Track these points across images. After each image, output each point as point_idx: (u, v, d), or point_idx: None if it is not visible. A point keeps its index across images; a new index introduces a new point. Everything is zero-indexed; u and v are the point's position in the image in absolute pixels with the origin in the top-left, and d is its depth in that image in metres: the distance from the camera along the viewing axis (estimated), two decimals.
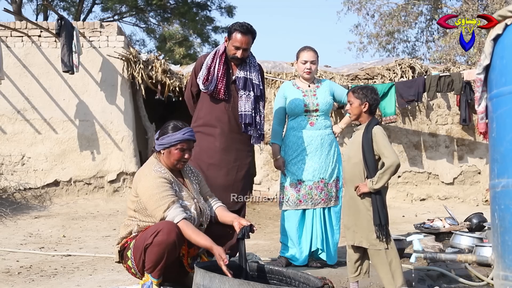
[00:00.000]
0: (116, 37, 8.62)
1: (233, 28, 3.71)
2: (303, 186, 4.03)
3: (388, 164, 3.04)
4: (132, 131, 8.61)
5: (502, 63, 2.38)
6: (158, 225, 2.84)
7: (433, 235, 5.32)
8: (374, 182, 3.05)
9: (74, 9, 18.79)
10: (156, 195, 2.86)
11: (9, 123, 8.43)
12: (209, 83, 3.70)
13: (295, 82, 4.24)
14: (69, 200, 8.19)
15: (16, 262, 4.57)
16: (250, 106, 3.75)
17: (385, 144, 3.10)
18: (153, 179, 2.91)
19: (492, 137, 2.44)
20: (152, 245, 2.79)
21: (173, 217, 2.83)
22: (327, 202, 4.06)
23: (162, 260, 2.82)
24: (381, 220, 3.06)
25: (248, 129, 3.78)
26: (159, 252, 2.79)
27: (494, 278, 2.48)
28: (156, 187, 2.88)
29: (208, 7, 19.08)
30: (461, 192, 8.91)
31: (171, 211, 2.84)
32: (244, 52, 3.72)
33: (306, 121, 4.08)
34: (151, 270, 2.86)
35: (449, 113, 9.06)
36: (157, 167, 2.98)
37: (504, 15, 2.36)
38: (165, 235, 2.77)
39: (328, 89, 4.18)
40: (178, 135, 2.96)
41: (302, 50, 4.15)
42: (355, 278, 3.26)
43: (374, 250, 3.11)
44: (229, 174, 3.73)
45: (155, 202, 2.85)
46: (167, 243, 2.77)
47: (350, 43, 18.02)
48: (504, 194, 2.34)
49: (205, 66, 3.73)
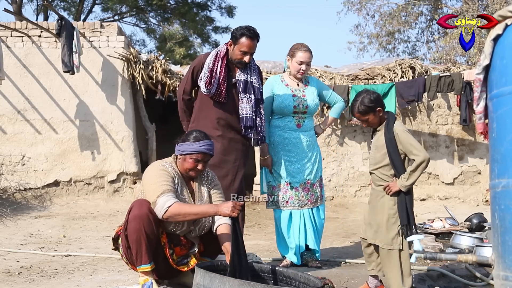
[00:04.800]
0: (116, 37, 8.62)
1: (239, 32, 3.64)
2: (290, 187, 4.04)
3: (420, 161, 3.02)
4: (133, 131, 8.61)
5: (502, 63, 2.37)
6: (131, 204, 2.96)
7: (433, 235, 5.32)
8: (405, 179, 3.04)
9: (74, 9, 18.79)
10: (155, 184, 2.91)
11: (10, 123, 8.43)
12: (212, 86, 3.69)
13: (283, 78, 4.17)
14: (69, 200, 8.19)
15: (16, 262, 4.57)
16: (251, 109, 3.75)
17: (411, 142, 3.08)
18: (156, 170, 3.00)
19: (492, 137, 2.44)
20: (128, 222, 2.89)
21: (165, 202, 2.84)
22: (314, 202, 4.09)
23: (142, 236, 2.85)
24: (409, 220, 3.05)
25: (248, 132, 3.78)
26: (135, 227, 2.85)
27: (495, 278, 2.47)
28: (158, 176, 2.95)
29: (208, 7, 19.09)
30: (461, 192, 8.91)
31: (163, 197, 2.86)
32: (250, 57, 3.70)
33: (294, 122, 4.06)
34: (139, 257, 2.89)
35: (449, 113, 9.05)
36: (167, 164, 3.06)
37: (504, 15, 2.36)
38: (137, 209, 2.88)
39: (315, 89, 4.16)
40: (195, 146, 2.99)
41: (299, 49, 4.05)
42: (371, 272, 3.29)
43: (387, 250, 3.11)
44: (229, 174, 3.74)
45: (153, 190, 2.90)
46: (140, 215, 2.85)
47: (350, 43, 18.06)
48: (505, 194, 2.34)
49: (207, 68, 3.70)
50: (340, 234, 6.27)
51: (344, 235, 6.25)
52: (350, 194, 8.95)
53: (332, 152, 8.97)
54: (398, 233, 3.09)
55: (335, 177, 8.94)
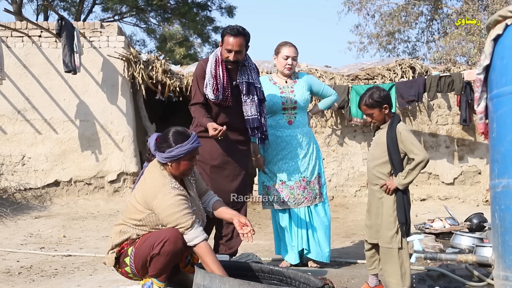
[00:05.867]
0: (116, 37, 8.62)
1: (224, 32, 3.69)
2: (285, 186, 4.03)
3: (419, 160, 3.04)
4: (133, 131, 8.62)
5: (502, 63, 2.37)
6: (163, 233, 2.77)
7: (433, 235, 5.33)
8: (403, 177, 3.06)
9: (74, 9, 18.80)
10: (177, 213, 2.77)
11: (10, 123, 8.43)
12: (219, 93, 3.66)
13: (272, 77, 4.19)
14: (69, 200, 8.20)
15: (17, 262, 4.57)
16: (256, 109, 3.74)
17: (412, 141, 3.10)
18: (172, 196, 2.79)
19: (492, 137, 2.44)
20: (159, 255, 2.76)
21: (194, 237, 2.77)
22: (311, 200, 4.05)
23: (168, 267, 2.83)
24: (406, 218, 3.07)
25: (255, 132, 3.78)
26: (165, 261, 2.78)
27: (495, 278, 2.47)
28: (177, 205, 2.78)
29: (208, 7, 19.10)
30: (461, 192, 8.91)
31: (193, 231, 2.77)
32: (237, 55, 3.66)
33: (285, 119, 4.06)
34: (155, 276, 2.86)
35: (450, 113, 9.05)
36: (173, 183, 2.86)
37: (504, 15, 2.35)
38: (172, 244, 2.74)
39: (305, 84, 4.14)
40: (187, 146, 2.85)
41: (283, 45, 4.09)
42: (371, 271, 3.30)
43: (386, 249, 3.12)
44: (231, 175, 3.76)
45: (176, 220, 2.77)
46: (174, 252, 2.76)
47: (350, 43, 18.05)
48: (505, 194, 2.34)
49: (211, 75, 3.65)
50: (340, 234, 6.27)
51: (344, 235, 6.25)
52: (350, 194, 8.95)
53: (332, 152, 8.97)
54: (397, 232, 3.10)
55: (335, 177, 8.94)
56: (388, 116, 3.22)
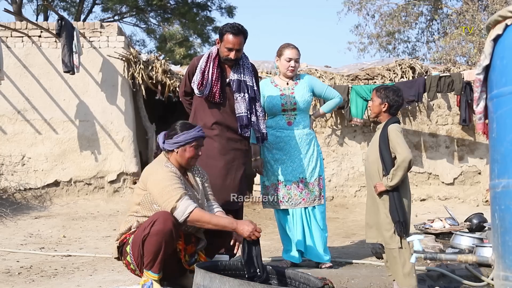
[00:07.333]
0: (116, 37, 8.62)
1: (224, 29, 3.69)
2: (282, 186, 4.03)
3: (400, 160, 3.08)
4: (133, 131, 8.62)
5: (502, 64, 2.37)
6: (153, 216, 2.87)
7: (433, 235, 5.32)
8: (389, 180, 3.09)
9: (74, 9, 18.80)
10: (169, 186, 2.88)
11: (10, 124, 8.43)
12: (204, 88, 3.71)
13: (273, 80, 4.22)
14: (69, 201, 8.20)
15: (16, 262, 4.57)
16: (246, 107, 3.76)
17: (398, 141, 3.13)
18: (164, 172, 2.95)
19: (492, 138, 2.43)
20: (149, 236, 2.82)
21: (186, 206, 2.85)
22: (309, 202, 4.05)
23: (160, 251, 2.83)
24: (399, 217, 3.07)
25: (245, 130, 3.79)
26: (157, 241, 2.81)
27: (495, 278, 2.47)
28: (168, 179, 2.92)
29: (208, 8, 19.10)
30: (461, 193, 8.91)
31: (183, 201, 2.86)
32: (237, 53, 3.71)
33: (284, 120, 4.07)
34: (150, 264, 2.87)
35: (449, 113, 9.05)
36: (168, 164, 3.03)
37: (504, 15, 2.35)
38: (161, 224, 2.80)
39: (306, 85, 4.15)
40: (193, 133, 3.04)
41: (286, 48, 4.11)
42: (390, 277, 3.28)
43: (388, 249, 3.13)
44: (228, 174, 3.75)
45: (168, 193, 2.87)
46: (164, 231, 2.80)
47: (350, 43, 18.10)
48: (505, 194, 2.33)
49: (199, 70, 3.72)
50: (340, 234, 6.27)
51: (344, 235, 6.25)
52: (350, 194, 8.95)
53: (332, 152, 8.97)
54: (394, 232, 3.11)
55: (335, 177, 8.94)
56: (386, 117, 3.28)
